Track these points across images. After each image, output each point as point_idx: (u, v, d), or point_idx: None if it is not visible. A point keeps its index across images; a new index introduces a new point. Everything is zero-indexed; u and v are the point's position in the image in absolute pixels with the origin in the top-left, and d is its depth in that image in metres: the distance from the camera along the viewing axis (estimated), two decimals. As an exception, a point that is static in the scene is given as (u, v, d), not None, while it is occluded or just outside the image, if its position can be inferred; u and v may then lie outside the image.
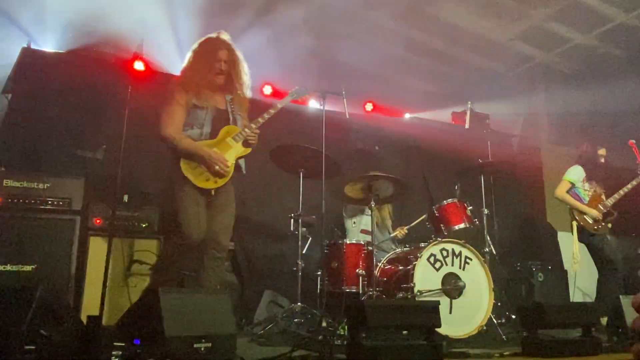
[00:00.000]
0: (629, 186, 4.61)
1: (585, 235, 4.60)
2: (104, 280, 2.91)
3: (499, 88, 6.28)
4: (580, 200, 4.67)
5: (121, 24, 4.66)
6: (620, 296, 3.47)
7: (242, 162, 3.34)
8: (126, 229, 3.75)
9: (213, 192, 3.18)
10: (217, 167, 3.11)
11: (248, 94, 3.43)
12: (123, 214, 3.78)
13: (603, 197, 4.64)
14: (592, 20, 5.46)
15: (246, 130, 3.25)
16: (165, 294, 2.24)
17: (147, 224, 3.84)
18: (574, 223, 4.63)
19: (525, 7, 5.28)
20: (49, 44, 4.80)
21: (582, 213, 4.58)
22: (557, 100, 6.52)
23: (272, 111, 3.36)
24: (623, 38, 5.69)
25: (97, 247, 3.60)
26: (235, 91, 3.37)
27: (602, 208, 4.57)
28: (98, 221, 3.72)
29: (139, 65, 4.67)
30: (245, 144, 3.26)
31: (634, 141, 4.48)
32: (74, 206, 3.63)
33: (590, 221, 4.54)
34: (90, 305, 3.44)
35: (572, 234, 4.68)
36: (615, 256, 4.55)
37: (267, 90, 5.69)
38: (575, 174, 4.75)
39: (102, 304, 2.88)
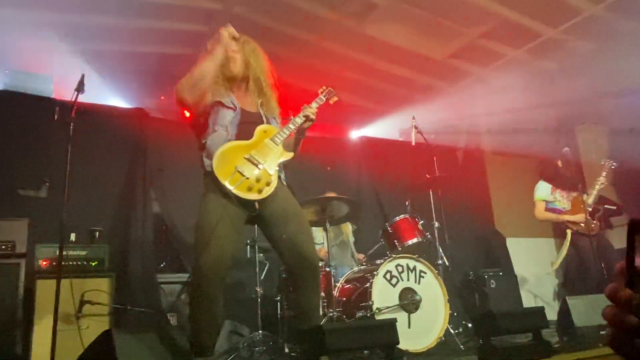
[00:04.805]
0: (601, 179, 4.70)
1: (581, 238, 4.64)
2: (53, 325, 2.81)
3: (442, 103, 6.52)
4: (560, 212, 4.81)
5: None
6: (567, 297, 3.65)
7: (281, 173, 2.85)
8: (75, 269, 3.60)
9: (257, 206, 2.66)
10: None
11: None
12: (71, 254, 3.64)
13: (584, 197, 4.65)
14: (522, 36, 5.77)
15: (285, 130, 2.79)
16: (120, 335, 2.18)
17: (97, 262, 3.72)
18: (569, 231, 4.74)
19: (459, 26, 5.54)
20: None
21: (570, 221, 4.70)
22: (496, 112, 6.83)
23: (303, 117, 2.88)
24: (553, 51, 6.05)
25: (45, 290, 3.44)
26: (265, 94, 2.95)
27: (587, 208, 4.62)
28: (44, 263, 3.58)
29: (80, 98, 4.58)
30: (287, 147, 2.82)
31: (568, 149, 4.71)
32: (17, 249, 3.46)
33: (579, 227, 4.65)
34: (40, 352, 3.28)
35: (566, 241, 4.76)
36: (591, 257, 4.56)
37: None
38: (542, 190, 4.91)
39: (53, 349, 2.77)
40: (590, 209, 4.64)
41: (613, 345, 0.63)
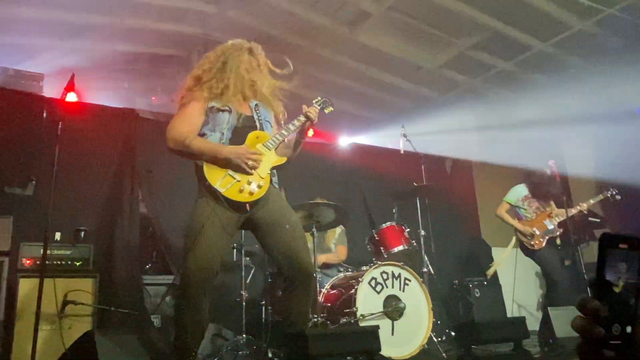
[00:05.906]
0: (584, 205, 4.73)
1: (526, 251, 4.78)
2: (35, 324, 2.80)
3: (431, 112, 6.57)
4: (520, 218, 4.88)
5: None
6: (549, 308, 3.69)
7: (274, 177, 2.83)
8: (59, 269, 3.57)
9: (248, 207, 2.63)
10: (250, 162, 2.59)
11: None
12: (55, 253, 3.60)
13: (552, 214, 4.75)
14: (512, 48, 5.85)
15: (277, 136, 2.80)
16: (102, 337, 2.18)
17: (81, 262, 3.69)
18: (514, 237, 4.87)
19: (451, 37, 5.60)
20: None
21: (518, 230, 4.80)
22: (485, 122, 6.89)
23: (302, 118, 2.85)
24: (541, 63, 6.13)
25: (28, 289, 3.42)
26: (261, 97, 2.93)
27: (546, 225, 4.70)
28: (28, 262, 3.55)
29: (70, 97, 4.56)
30: (280, 152, 2.83)
31: (553, 161, 4.76)
32: (1, 247, 3.43)
33: (524, 238, 4.75)
34: (21, 352, 3.25)
35: (509, 244, 4.90)
36: (553, 269, 4.67)
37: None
38: (514, 195, 4.94)
39: (34, 349, 2.76)
40: (552, 227, 4.70)
41: (581, 355, 0.65)
